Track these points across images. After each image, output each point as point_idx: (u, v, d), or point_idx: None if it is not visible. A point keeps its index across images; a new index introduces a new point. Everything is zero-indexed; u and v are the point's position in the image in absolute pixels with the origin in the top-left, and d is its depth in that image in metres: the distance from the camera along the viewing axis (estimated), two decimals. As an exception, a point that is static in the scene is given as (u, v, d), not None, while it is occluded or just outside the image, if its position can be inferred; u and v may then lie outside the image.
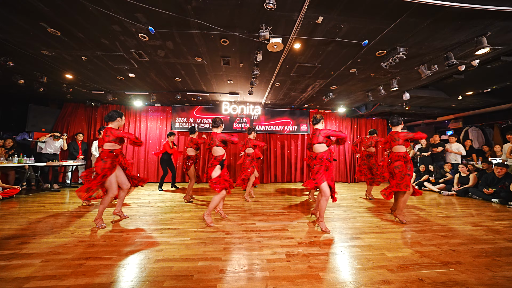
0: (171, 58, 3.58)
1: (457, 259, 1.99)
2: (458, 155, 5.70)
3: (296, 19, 2.50)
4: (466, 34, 2.75)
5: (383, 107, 6.30)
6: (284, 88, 5.11)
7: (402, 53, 3.00)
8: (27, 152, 5.46)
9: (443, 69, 3.74)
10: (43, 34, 2.89)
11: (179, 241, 2.32)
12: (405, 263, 1.91)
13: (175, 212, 3.40)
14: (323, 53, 3.35)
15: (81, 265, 1.83)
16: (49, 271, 1.74)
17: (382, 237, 2.48)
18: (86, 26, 2.71)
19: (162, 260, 1.93)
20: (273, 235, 2.51)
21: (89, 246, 2.17)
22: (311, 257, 2.00)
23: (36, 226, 2.71)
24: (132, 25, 2.67)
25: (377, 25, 2.61)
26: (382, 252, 2.11)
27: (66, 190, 5.14)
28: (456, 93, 5.12)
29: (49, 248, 2.12)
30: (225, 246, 2.23)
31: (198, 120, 6.85)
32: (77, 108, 6.41)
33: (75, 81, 4.60)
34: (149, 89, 5.22)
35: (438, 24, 2.55)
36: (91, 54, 3.45)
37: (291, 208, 3.78)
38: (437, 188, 5.39)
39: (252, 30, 2.78)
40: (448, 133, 7.42)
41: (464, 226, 2.88)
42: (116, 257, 1.96)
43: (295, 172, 7.24)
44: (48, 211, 3.38)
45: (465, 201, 4.43)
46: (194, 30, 2.77)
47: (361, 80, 4.46)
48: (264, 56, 3.38)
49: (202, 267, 1.83)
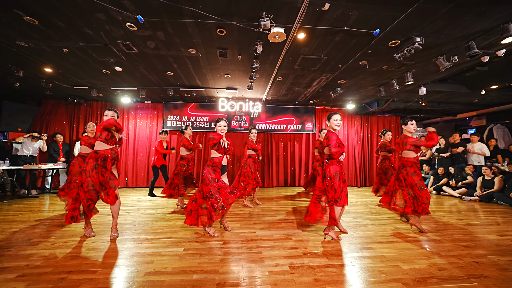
0: (162, 50, 3.59)
1: (481, 272, 1.98)
2: (481, 156, 5.70)
3: (300, 6, 2.51)
4: (490, 21, 2.75)
5: (396, 103, 6.30)
6: (287, 83, 5.12)
7: (418, 43, 3.01)
8: (1, 154, 5.49)
9: (464, 61, 3.74)
10: (19, 23, 2.90)
11: (172, 252, 2.32)
12: (422, 276, 1.91)
13: (167, 220, 3.41)
14: (330, 44, 3.36)
15: (62, 280, 1.83)
16: (26, 287, 1.74)
17: (396, 247, 2.48)
18: (67, 14, 2.73)
19: (152, 273, 1.94)
20: (275, 245, 2.51)
21: (71, 258, 2.17)
22: (317, 269, 2.00)
23: (11, 237, 2.71)
24: (118, 13, 2.68)
25: (390, 12, 2.61)
26: (397, 264, 2.11)
27: (45, 197, 5.14)
28: (479, 87, 5.13)
29: (26, 261, 2.12)
30: (223, 257, 2.23)
31: (192, 118, 6.87)
32: (58, 105, 6.42)
33: (56, 75, 4.62)
34: (138, 84, 5.23)
35: (458, 10, 2.56)
36: (73, 46, 3.46)
37: (295, 215, 3.78)
38: (457, 193, 5.39)
39: (251, 19, 2.79)
40: (469, 131, 7.43)
41: (488, 236, 2.88)
42: (101, 270, 1.96)
43: (299, 176, 7.24)
44: (25, 219, 3.39)
45: (490, 207, 4.43)
46: (187, 19, 2.78)
47: (372, 74, 4.46)
48: (265, 47, 3.39)
49: (197, 280, 1.84)
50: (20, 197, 4.98)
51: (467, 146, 5.87)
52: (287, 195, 5.67)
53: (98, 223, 3.22)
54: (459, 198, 5.28)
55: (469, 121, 7.56)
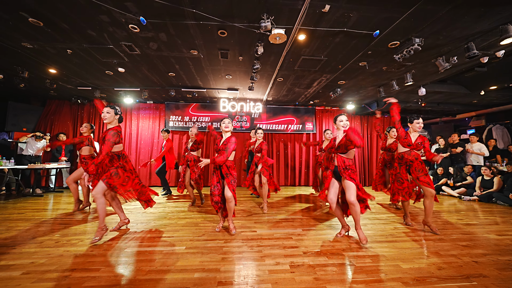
0: (165, 51, 3.60)
1: (480, 272, 1.98)
2: (480, 156, 5.68)
3: (301, 7, 2.52)
4: (489, 22, 2.74)
5: (396, 104, 6.28)
6: (287, 84, 5.12)
7: (418, 44, 3.00)
8: (6, 153, 5.51)
9: (464, 62, 3.73)
10: (24, 25, 2.91)
11: (173, 251, 2.33)
12: (421, 276, 1.90)
13: (169, 219, 3.41)
14: (330, 45, 3.36)
15: (66, 278, 1.83)
16: (30, 284, 1.74)
17: (395, 247, 2.47)
18: (71, 16, 2.74)
19: (154, 271, 1.94)
20: (275, 244, 2.51)
21: (75, 257, 2.18)
22: (317, 268, 2.00)
23: (16, 235, 2.72)
24: (121, 15, 2.69)
25: (390, 13, 2.61)
26: (396, 263, 2.10)
27: (49, 195, 5.17)
28: (478, 88, 5.11)
29: (31, 258, 2.14)
30: (224, 255, 2.23)
31: (193, 119, 6.88)
32: (62, 106, 6.46)
33: (60, 76, 4.64)
34: (141, 85, 5.25)
35: (458, 11, 2.55)
36: (77, 47, 3.48)
37: (295, 214, 3.78)
38: (457, 192, 5.37)
39: (252, 20, 2.79)
40: (469, 132, 7.40)
41: (488, 235, 2.87)
42: (104, 268, 1.97)
43: (300, 176, 7.24)
44: (29, 218, 3.40)
45: (489, 207, 4.41)
46: (189, 20, 2.79)
47: (372, 74, 4.46)
48: (266, 48, 3.39)
49: (199, 278, 1.84)
50: (25, 196, 5.00)
51: (466, 146, 5.85)
52: (287, 195, 5.67)
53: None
54: (458, 198, 5.26)
55: (468, 121, 7.53)
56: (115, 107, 2.71)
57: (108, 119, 2.64)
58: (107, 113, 2.63)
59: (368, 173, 7.54)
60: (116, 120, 2.72)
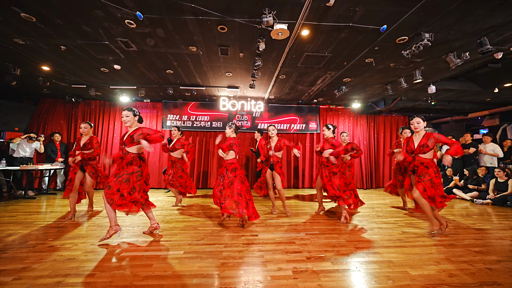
0: (162, 47, 3.61)
1: (494, 279, 1.96)
2: (494, 157, 5.64)
3: (304, 1, 2.51)
4: (504, 16, 2.72)
5: (404, 102, 6.26)
6: (290, 81, 5.12)
7: (427, 39, 2.99)
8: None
9: (476, 57, 3.71)
10: (16, 20, 2.93)
11: (171, 255, 2.33)
12: (431, 283, 1.89)
13: (167, 222, 3.42)
14: (335, 41, 3.35)
15: (59, 283, 1.84)
16: (23, 289, 1.76)
17: (404, 252, 2.46)
18: (65, 11, 2.76)
19: (151, 277, 1.95)
20: (277, 249, 2.51)
21: (68, 261, 2.19)
22: (321, 274, 2.00)
23: (7, 239, 2.74)
24: (117, 10, 2.70)
25: (398, 7, 2.60)
26: (404, 270, 2.09)
27: (42, 198, 5.19)
28: (491, 85, 5.07)
29: (23, 263, 2.15)
30: (223, 261, 2.23)
31: (192, 118, 6.89)
32: (56, 104, 6.49)
33: (53, 73, 4.67)
34: (137, 82, 5.27)
35: (470, 4, 2.54)
36: (71, 43, 3.50)
37: (298, 217, 3.78)
38: (469, 196, 5.34)
39: (253, 15, 2.79)
40: (482, 131, 7.35)
41: (502, 241, 2.85)
42: (99, 274, 1.98)
43: (303, 177, 7.23)
44: (21, 221, 3.43)
45: (503, 211, 4.38)
46: (188, 15, 2.80)
47: (379, 71, 4.44)
48: (268, 44, 3.39)
49: (197, 285, 1.84)
50: (16, 198, 5.03)
51: (479, 146, 5.81)
52: (289, 197, 5.66)
53: (96, 225, 3.25)
54: (470, 201, 5.23)
55: (481, 120, 7.48)
56: (131, 108, 2.79)
57: (129, 122, 2.74)
58: (126, 117, 2.73)
59: (375, 176, 7.51)
60: (136, 122, 2.81)
